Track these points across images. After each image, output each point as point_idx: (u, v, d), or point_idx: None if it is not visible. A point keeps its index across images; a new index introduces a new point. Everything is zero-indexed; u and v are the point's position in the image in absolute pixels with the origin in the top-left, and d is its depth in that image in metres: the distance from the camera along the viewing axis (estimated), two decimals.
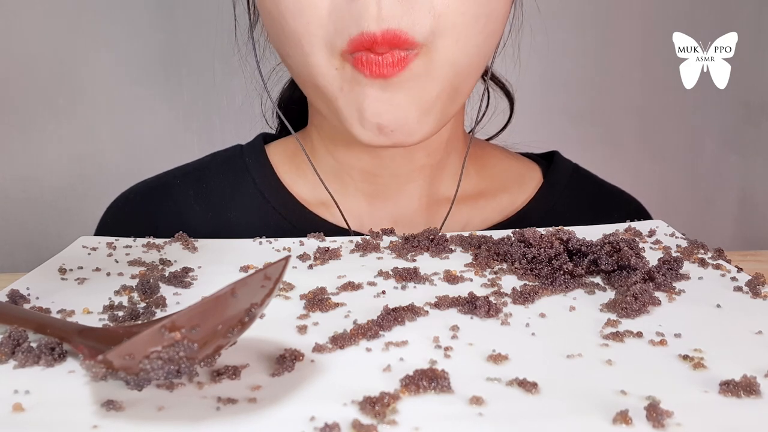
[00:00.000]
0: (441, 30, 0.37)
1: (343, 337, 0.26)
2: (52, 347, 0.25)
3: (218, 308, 0.21)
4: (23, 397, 0.22)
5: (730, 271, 0.34)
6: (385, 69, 0.37)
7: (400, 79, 0.37)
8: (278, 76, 0.52)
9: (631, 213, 0.45)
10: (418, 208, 0.47)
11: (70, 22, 0.75)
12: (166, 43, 0.78)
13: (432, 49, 0.37)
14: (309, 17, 0.37)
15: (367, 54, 0.36)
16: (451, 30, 0.37)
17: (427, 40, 0.37)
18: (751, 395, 0.22)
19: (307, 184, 0.48)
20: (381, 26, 0.35)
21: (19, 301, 0.31)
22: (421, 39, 0.37)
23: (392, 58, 0.36)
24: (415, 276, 0.33)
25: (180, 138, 0.80)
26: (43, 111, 0.77)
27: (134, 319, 0.29)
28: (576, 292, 0.31)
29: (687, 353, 0.25)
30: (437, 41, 0.37)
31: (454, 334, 0.27)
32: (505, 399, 0.22)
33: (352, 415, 0.21)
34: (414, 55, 0.37)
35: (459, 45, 0.38)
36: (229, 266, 0.36)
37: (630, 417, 0.20)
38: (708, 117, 0.88)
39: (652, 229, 0.41)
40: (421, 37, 0.36)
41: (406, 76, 0.37)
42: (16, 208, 0.78)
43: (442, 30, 0.37)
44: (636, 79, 0.86)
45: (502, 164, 0.52)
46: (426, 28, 0.36)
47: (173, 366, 0.20)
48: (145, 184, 0.52)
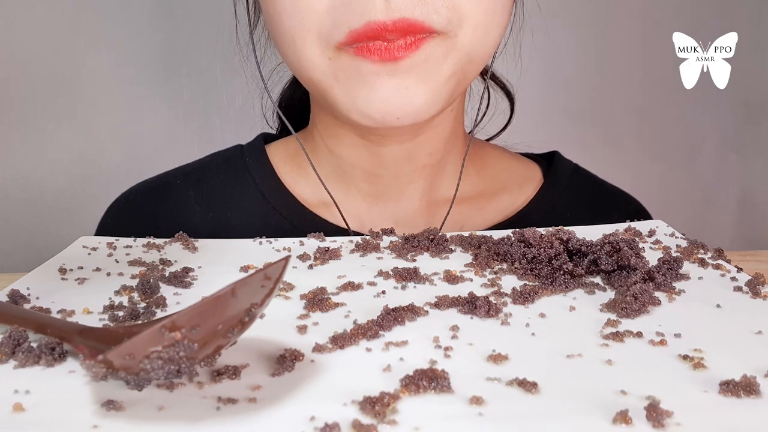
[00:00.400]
0: (459, 20, 0.37)
1: (343, 337, 0.26)
2: (52, 347, 0.25)
3: (218, 308, 0.21)
4: (23, 397, 0.22)
5: (730, 271, 0.34)
6: (397, 52, 0.37)
7: (413, 61, 0.37)
8: (279, 75, 0.52)
9: (631, 213, 0.45)
10: (418, 209, 0.47)
11: (70, 22, 0.75)
12: (166, 43, 0.77)
13: (451, 35, 0.38)
14: (305, 14, 0.37)
15: (375, 42, 0.36)
16: (469, 20, 0.37)
17: (446, 28, 0.37)
18: (751, 395, 0.22)
19: (307, 184, 0.48)
20: (391, 16, 0.36)
21: (19, 301, 0.31)
22: (439, 27, 0.37)
23: (404, 42, 0.37)
24: (415, 276, 0.33)
25: (180, 138, 0.80)
26: (43, 111, 0.77)
27: (134, 319, 0.29)
28: (576, 292, 0.31)
29: (687, 353, 0.25)
30: (456, 29, 0.38)
31: (454, 334, 0.27)
32: (505, 399, 0.22)
33: (352, 415, 0.21)
34: (429, 36, 0.37)
35: (477, 34, 0.38)
36: (229, 266, 0.36)
37: (630, 417, 0.20)
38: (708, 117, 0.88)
39: (651, 229, 0.41)
40: (439, 26, 0.37)
41: (419, 57, 0.37)
42: (16, 208, 0.78)
43: (460, 19, 0.37)
44: (636, 79, 0.86)
45: (502, 164, 0.52)
46: (443, 18, 0.37)
47: (173, 366, 0.20)
48: (145, 185, 0.52)
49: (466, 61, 0.39)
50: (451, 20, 0.37)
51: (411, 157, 0.46)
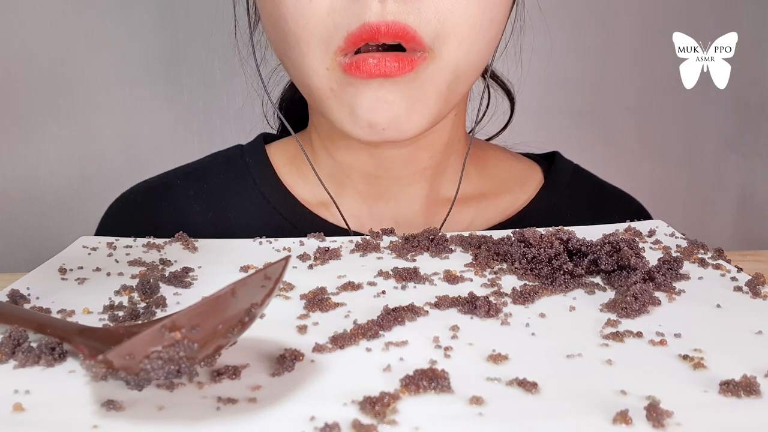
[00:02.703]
0: (445, 34, 0.37)
1: (343, 337, 0.26)
2: (52, 347, 0.25)
3: (218, 308, 0.21)
4: (23, 397, 0.22)
5: (730, 271, 0.34)
6: (388, 71, 0.37)
7: (403, 79, 0.37)
8: (279, 76, 0.52)
9: (631, 214, 0.45)
10: (418, 210, 0.47)
11: (71, 22, 0.75)
12: (167, 43, 0.78)
13: (437, 55, 0.37)
14: (308, 17, 0.37)
15: (364, 58, 0.36)
16: (455, 35, 0.37)
17: (433, 44, 0.37)
18: (751, 395, 0.22)
19: (307, 184, 0.48)
20: (385, 18, 0.36)
21: (19, 301, 0.31)
22: (428, 41, 0.37)
23: (398, 62, 0.37)
24: (415, 276, 0.33)
25: (180, 138, 0.80)
26: (44, 111, 0.77)
27: (134, 319, 0.29)
28: (576, 292, 0.31)
29: (687, 353, 0.25)
30: (441, 47, 0.37)
31: (454, 334, 0.27)
32: (505, 399, 0.22)
33: (352, 415, 0.21)
34: (421, 58, 0.37)
35: (462, 50, 0.38)
36: (229, 266, 0.36)
37: (630, 417, 0.20)
38: (708, 117, 0.88)
39: (651, 229, 0.41)
40: (428, 39, 0.37)
41: (409, 77, 0.37)
42: (17, 208, 0.78)
43: (446, 34, 0.37)
44: (636, 79, 0.86)
45: (503, 165, 0.52)
46: (432, 30, 0.37)
47: (173, 366, 0.20)
48: (145, 185, 0.52)
49: (451, 79, 0.39)
50: (439, 35, 0.37)
51: (411, 161, 0.46)
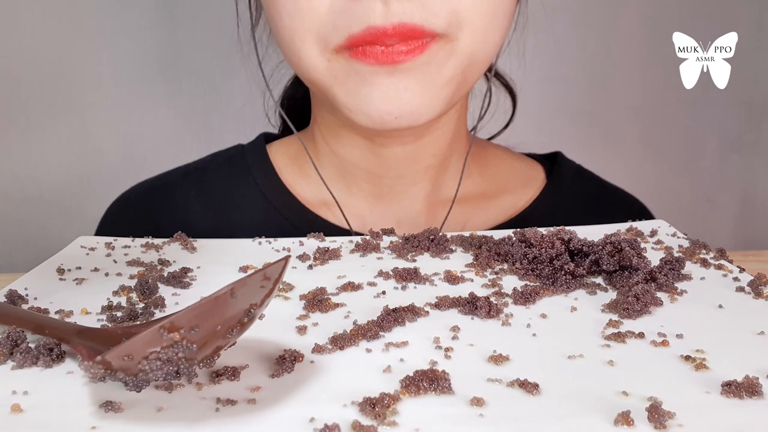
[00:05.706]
0: (459, 23, 0.37)
1: (343, 338, 0.26)
2: (50, 348, 0.25)
3: (217, 309, 0.21)
4: (21, 398, 0.22)
5: (732, 272, 0.33)
6: (397, 56, 0.37)
7: (414, 63, 0.37)
8: (281, 74, 0.52)
9: (634, 214, 0.45)
10: (421, 209, 0.47)
11: (70, 22, 0.75)
12: (166, 43, 0.77)
13: (452, 38, 0.38)
14: (305, 14, 0.37)
15: (372, 46, 0.36)
16: (468, 23, 0.38)
17: (447, 31, 0.37)
18: (754, 396, 0.22)
19: (309, 184, 0.48)
20: (391, 20, 0.36)
21: (17, 301, 0.31)
22: (440, 30, 0.37)
23: (405, 47, 0.37)
24: (415, 276, 0.33)
25: (180, 138, 0.80)
26: (43, 111, 0.77)
27: (133, 320, 0.29)
28: (577, 293, 0.31)
29: (689, 354, 0.25)
30: (457, 32, 0.38)
31: (455, 334, 0.27)
32: (506, 400, 0.22)
33: (352, 416, 0.21)
34: (434, 41, 0.37)
35: (477, 38, 0.38)
36: (229, 266, 0.36)
37: (631, 418, 0.20)
38: (708, 117, 0.88)
39: (653, 229, 0.41)
40: (440, 29, 0.37)
41: (422, 60, 0.37)
42: (16, 208, 0.78)
43: (460, 23, 0.37)
44: (636, 79, 0.86)
45: (505, 164, 0.52)
46: (443, 21, 0.37)
47: (172, 367, 0.20)
48: (145, 184, 0.52)
49: (467, 65, 0.39)
50: (451, 23, 0.37)
51: (414, 159, 0.45)
